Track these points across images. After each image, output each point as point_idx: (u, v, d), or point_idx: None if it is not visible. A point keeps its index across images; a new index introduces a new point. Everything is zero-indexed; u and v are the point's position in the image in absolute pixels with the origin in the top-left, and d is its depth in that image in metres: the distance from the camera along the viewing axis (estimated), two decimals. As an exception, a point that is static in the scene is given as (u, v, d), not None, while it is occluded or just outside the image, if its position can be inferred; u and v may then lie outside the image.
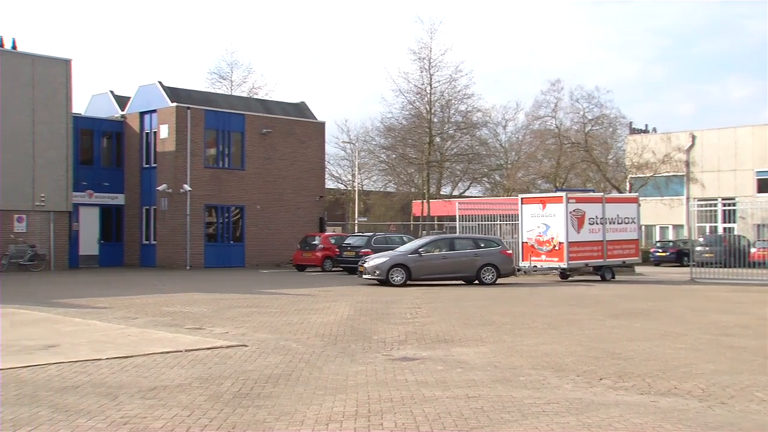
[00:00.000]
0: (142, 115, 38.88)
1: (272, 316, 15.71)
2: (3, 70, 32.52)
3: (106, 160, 39.40)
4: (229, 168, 39.37)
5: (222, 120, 38.94)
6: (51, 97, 33.80)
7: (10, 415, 7.19)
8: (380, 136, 58.12)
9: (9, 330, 13.08)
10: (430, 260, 26.10)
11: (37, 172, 33.29)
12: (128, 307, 17.40)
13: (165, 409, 7.54)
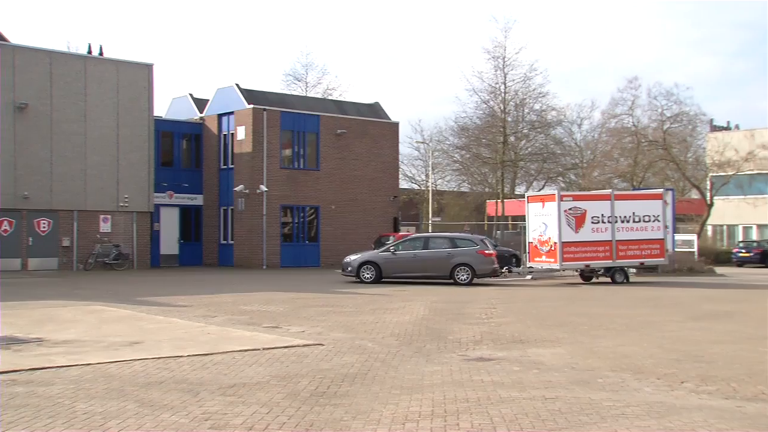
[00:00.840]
0: (220, 117, 39.66)
1: (347, 316, 15.84)
2: (90, 75, 33.65)
3: (185, 162, 40.35)
4: (304, 168, 39.81)
5: (297, 121, 39.41)
6: (134, 100, 34.83)
7: (100, 408, 7.45)
8: (454, 136, 58.00)
9: (97, 326, 13.53)
10: (402, 259, 26.63)
11: (121, 173, 34.33)
12: (207, 305, 17.78)
13: (244, 406, 7.69)
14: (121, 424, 6.93)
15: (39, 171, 32.19)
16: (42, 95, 32.36)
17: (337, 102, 46.71)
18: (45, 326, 13.45)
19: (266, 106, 38.33)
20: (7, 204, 31.48)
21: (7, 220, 31.56)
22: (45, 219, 32.50)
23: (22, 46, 33.20)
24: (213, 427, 6.87)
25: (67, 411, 7.35)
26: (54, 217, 32.71)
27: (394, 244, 27.86)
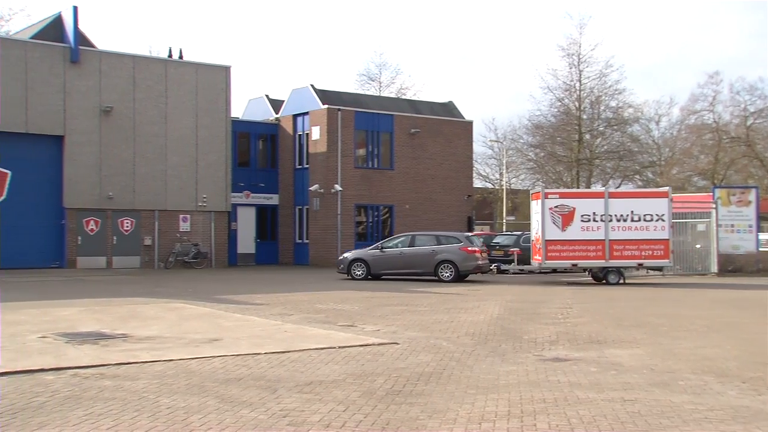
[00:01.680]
0: (295, 117, 40.19)
1: (422, 315, 15.87)
2: (170, 78, 34.56)
3: (261, 162, 41.02)
4: (378, 168, 40.01)
5: (371, 121, 39.62)
6: (212, 102, 35.60)
7: (182, 403, 7.66)
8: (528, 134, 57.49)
9: (177, 324, 13.88)
10: (390, 256, 27.20)
11: (199, 174, 35.13)
12: (284, 303, 18.04)
13: (321, 403, 7.78)
14: (203, 419, 7.10)
15: (122, 172, 33.20)
16: (125, 98, 33.37)
17: (410, 101, 46.79)
18: (129, 323, 13.87)
19: (341, 106, 38.66)
20: (93, 204, 32.57)
21: (94, 219, 32.65)
22: (128, 218, 33.50)
23: (108, 51, 34.28)
24: (291, 424, 6.98)
25: (151, 405, 7.57)
26: (136, 216, 33.69)
27: (383, 242, 28.49)
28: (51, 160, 32.14)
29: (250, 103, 44.56)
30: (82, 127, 32.39)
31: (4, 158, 31.16)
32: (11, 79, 30.90)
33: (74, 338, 11.74)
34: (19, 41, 32.80)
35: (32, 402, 7.64)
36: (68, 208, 32.14)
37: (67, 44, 32.50)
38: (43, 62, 31.72)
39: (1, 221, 30.93)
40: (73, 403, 7.59)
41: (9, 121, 30.88)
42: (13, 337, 11.77)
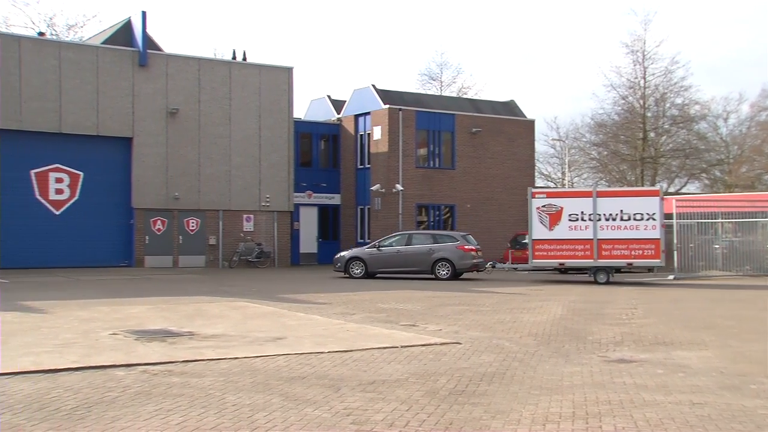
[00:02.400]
0: (356, 117, 40.41)
1: (484, 315, 15.81)
2: (234, 80, 35.12)
3: (323, 162, 41.36)
4: (439, 168, 39.96)
5: (432, 120, 39.59)
6: (275, 103, 36.04)
7: (248, 401, 7.79)
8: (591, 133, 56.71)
9: (242, 322, 14.10)
10: (387, 254, 27.37)
11: (263, 174, 35.60)
12: (346, 303, 18.16)
13: (384, 402, 7.82)
14: (268, 416, 7.20)
15: (188, 172, 33.84)
16: (191, 100, 34.02)
17: (472, 100, 46.61)
18: (195, 321, 14.14)
19: (402, 106, 38.73)
20: (160, 204, 33.28)
21: (161, 219, 33.37)
22: (193, 218, 34.14)
23: (174, 54, 35.00)
24: (354, 423, 7.04)
25: (218, 402, 7.71)
26: (201, 216, 34.31)
27: (380, 240, 28.61)
28: (120, 161, 32.95)
29: (312, 104, 44.98)
30: (150, 129, 33.13)
31: (77, 160, 32.22)
32: (84, 83, 31.79)
33: (143, 335, 12.03)
34: (91, 46, 33.70)
35: (105, 397, 7.87)
36: (136, 208, 32.92)
37: (135, 48, 33.29)
38: (113, 66, 32.55)
39: (74, 221, 31.91)
40: (143, 399, 7.79)
41: (81, 124, 31.78)
42: (87, 334, 12.12)
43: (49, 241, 31.29)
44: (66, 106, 31.49)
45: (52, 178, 31.78)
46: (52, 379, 8.73)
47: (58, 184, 31.88)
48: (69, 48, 33.01)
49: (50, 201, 31.75)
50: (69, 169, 32.05)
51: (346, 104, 41.50)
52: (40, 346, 10.94)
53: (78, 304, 16.85)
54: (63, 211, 31.90)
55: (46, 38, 38.05)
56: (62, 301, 17.53)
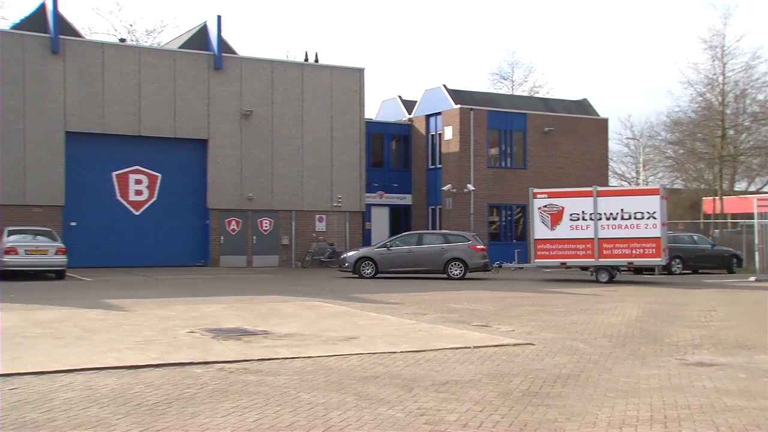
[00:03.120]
0: (427, 117, 40.41)
1: (557, 315, 15.64)
2: (306, 82, 35.53)
3: (394, 162, 41.49)
4: (511, 167, 39.67)
5: (504, 120, 39.33)
6: (346, 104, 36.32)
7: (322, 399, 7.88)
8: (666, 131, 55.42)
9: (315, 321, 14.27)
10: (397, 254, 27.06)
11: (335, 175, 35.91)
12: (418, 303, 18.19)
13: (458, 403, 7.82)
14: (342, 415, 7.28)
15: (261, 173, 34.38)
16: (264, 102, 34.55)
17: (543, 99, 46.13)
18: (269, 320, 14.36)
19: (473, 105, 38.59)
20: (235, 205, 33.90)
21: (235, 219, 33.98)
22: (267, 218, 34.65)
23: (248, 57, 35.60)
24: (428, 423, 7.06)
25: (293, 400, 7.83)
26: (275, 216, 34.80)
27: (389, 240, 28.23)
28: (196, 163, 33.68)
29: (384, 104, 45.17)
30: (224, 131, 33.77)
31: (155, 162, 33.08)
32: (162, 86, 32.61)
33: (219, 334, 12.28)
34: (169, 51, 34.55)
35: (184, 393, 8.07)
36: (212, 208, 33.58)
37: (211, 52, 33.97)
38: (189, 70, 33.30)
39: (152, 221, 32.77)
40: (220, 396, 7.96)
41: (159, 127, 32.61)
42: (165, 332, 12.44)
43: (129, 240, 32.20)
44: (145, 109, 32.36)
45: (132, 180, 32.70)
46: (134, 375, 9.00)
47: (137, 186, 32.79)
48: (148, 53, 33.91)
49: (130, 202, 32.67)
50: (148, 170, 32.92)
51: (417, 104, 41.55)
52: (122, 342, 11.28)
53: (156, 303, 17.30)
54: (142, 211, 32.78)
55: (127, 44, 39.16)
56: (142, 300, 18.03)
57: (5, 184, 29.94)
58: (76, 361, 9.67)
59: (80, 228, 31.12)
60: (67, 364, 9.46)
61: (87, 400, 7.70)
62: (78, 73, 31.27)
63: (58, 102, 30.87)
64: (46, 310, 15.55)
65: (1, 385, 8.40)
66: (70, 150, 31.08)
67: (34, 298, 18.24)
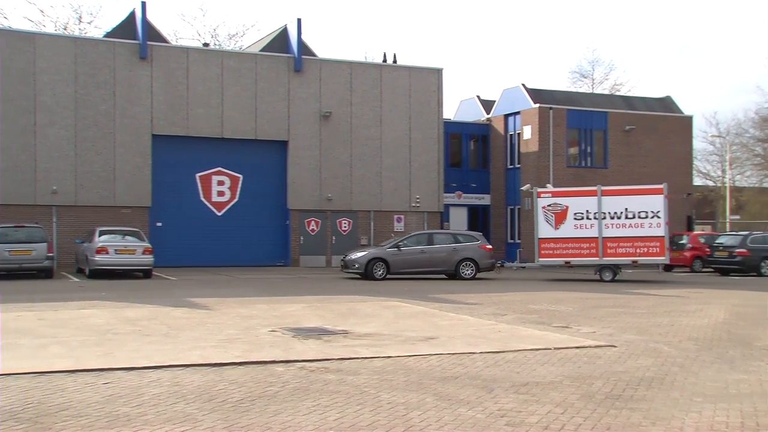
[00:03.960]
0: (506, 117, 40.13)
1: (639, 317, 15.33)
2: (385, 82, 35.73)
3: (473, 162, 41.34)
4: (591, 167, 39.05)
5: (584, 119, 38.76)
6: (424, 104, 36.37)
7: (402, 399, 7.92)
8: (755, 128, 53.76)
9: (394, 321, 14.33)
10: (409, 254, 26.32)
11: (413, 175, 35.99)
12: (497, 303, 18.08)
13: (538, 405, 7.75)
14: (422, 415, 7.30)
15: (340, 174, 34.71)
16: (343, 103, 34.88)
17: (625, 97, 45.27)
18: (348, 319, 14.49)
19: (552, 104, 38.18)
20: (314, 205, 34.33)
21: (315, 220, 34.41)
22: (346, 219, 34.97)
23: (327, 59, 35.99)
24: (509, 424, 7.02)
25: (373, 400, 7.89)
26: (353, 217, 35.09)
27: (399, 240, 27.44)
28: (276, 164, 34.24)
29: (462, 104, 45.05)
30: (304, 132, 34.23)
31: (237, 163, 33.78)
32: (243, 89, 33.29)
33: (300, 333, 12.46)
34: (250, 54, 35.23)
35: (267, 391, 8.22)
36: (292, 209, 34.08)
37: (291, 54, 34.49)
38: (270, 72, 33.88)
39: (234, 222, 33.46)
40: (302, 395, 8.08)
41: (241, 129, 33.29)
42: (248, 330, 12.69)
43: (212, 240, 32.97)
44: (227, 112, 33.07)
45: (215, 181, 33.47)
46: (218, 372, 9.21)
47: (219, 187, 33.54)
48: (230, 56, 34.65)
49: (213, 203, 33.44)
50: (230, 172, 33.64)
51: (496, 104, 41.31)
52: (206, 340, 11.56)
53: (238, 302, 17.66)
54: (224, 212, 33.51)
55: (210, 48, 40.07)
56: (224, 299, 18.42)
57: (97, 186, 31.03)
58: (163, 358, 9.96)
59: (165, 228, 32.01)
60: (155, 361, 9.75)
61: (174, 396, 7.93)
62: (164, 78, 32.18)
63: (145, 106, 31.84)
64: (134, 308, 16.05)
65: (96, 379, 8.73)
66: (156, 152, 32.02)
67: (123, 297, 18.85)
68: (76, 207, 30.81)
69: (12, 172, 29.90)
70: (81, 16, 62.01)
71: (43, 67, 30.56)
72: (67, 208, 30.70)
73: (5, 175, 29.78)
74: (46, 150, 30.46)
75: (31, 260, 25.16)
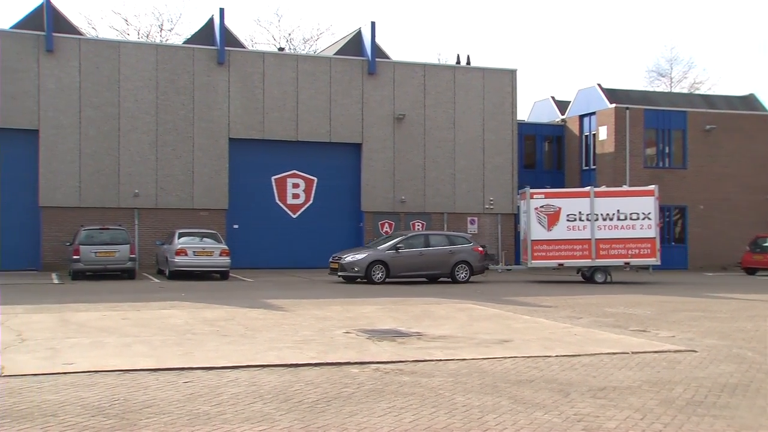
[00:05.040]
0: (581, 118, 39.57)
1: (721, 322, 14.95)
2: (458, 84, 35.67)
3: (547, 164, 40.90)
4: (669, 167, 38.18)
5: (662, 118, 37.93)
6: (498, 106, 36.16)
7: (477, 402, 7.92)
8: None
9: (468, 324, 14.31)
10: (408, 257, 25.35)
11: (486, 177, 35.81)
12: (572, 306, 17.87)
13: (616, 410, 7.64)
14: (498, 419, 7.28)
15: (414, 176, 34.77)
16: (416, 105, 34.95)
17: (704, 96, 44.12)
18: (422, 321, 14.53)
19: (628, 104, 37.48)
20: (388, 207, 34.48)
21: (388, 222, 34.56)
22: (419, 221, 35.00)
23: (401, 61, 36.10)
24: (586, 429, 6.95)
25: (447, 402, 7.90)
26: (427, 219, 35.10)
27: (398, 242, 26.06)
28: (350, 166, 34.51)
29: (536, 105, 44.63)
30: (378, 135, 34.42)
31: (311, 166, 34.19)
32: (318, 92, 33.68)
33: (374, 335, 12.55)
34: (325, 58, 35.61)
35: (342, 392, 8.32)
36: (365, 211, 34.30)
37: (365, 57, 34.73)
38: (344, 75, 34.19)
39: (309, 224, 33.86)
40: (376, 396, 8.14)
41: (315, 132, 33.68)
42: (323, 332, 12.85)
43: (287, 242, 33.42)
44: (302, 115, 33.49)
45: (290, 184, 33.94)
46: (294, 373, 9.36)
47: (294, 189, 33.99)
48: (305, 60, 35.08)
49: (288, 205, 33.91)
50: (304, 174, 34.06)
51: (571, 105, 40.77)
52: (282, 341, 11.75)
53: (313, 303, 17.87)
54: (299, 214, 33.94)
55: (286, 53, 40.64)
56: (299, 300, 18.66)
57: (176, 189, 31.82)
58: (240, 358, 10.17)
59: (242, 230, 32.60)
60: (232, 361, 9.97)
61: (252, 396, 8.09)
62: (241, 82, 32.80)
63: (222, 110, 32.51)
64: (212, 309, 16.42)
65: (177, 377, 8.97)
66: (233, 156, 32.65)
67: (201, 297, 19.29)
68: (157, 210, 31.64)
69: (97, 176, 30.90)
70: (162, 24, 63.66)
71: (126, 74, 31.49)
72: (148, 211, 31.56)
73: (91, 179, 30.80)
74: (129, 155, 31.38)
75: (115, 261, 25.95)
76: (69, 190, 30.52)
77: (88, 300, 18.19)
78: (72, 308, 16.20)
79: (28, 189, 30.30)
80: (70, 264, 25.96)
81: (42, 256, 30.03)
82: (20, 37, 30.64)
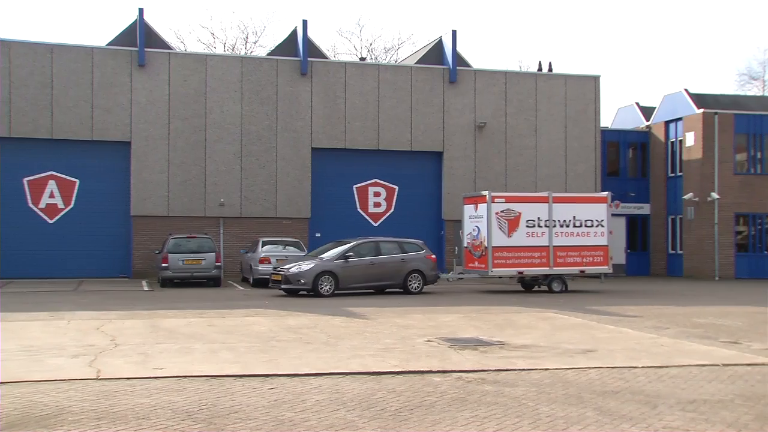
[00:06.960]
0: (667, 124, 38.64)
1: (819, 335, 14.37)
2: (540, 91, 35.34)
3: (631, 171, 40.05)
4: (762, 174, 36.90)
5: (754, 123, 36.71)
6: (581, 112, 35.66)
7: (561, 413, 7.83)
8: None
9: (551, 333, 14.15)
10: (358, 267, 23.26)
11: (569, 184, 35.30)
12: (658, 316, 17.47)
13: (707, 423, 7.45)
14: (583, 430, 7.20)
15: (496, 184, 34.40)
16: (497, 113, 34.77)
17: (800, 99, 42.50)
18: (505, 330, 14.44)
19: (717, 109, 36.41)
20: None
21: (443, 230, 34.61)
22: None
23: (482, 69, 35.94)
24: (674, 443, 6.80)
25: (531, 412, 7.85)
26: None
27: (347, 250, 23.71)
28: (431, 174, 34.53)
29: (620, 112, 43.78)
30: (459, 143, 34.35)
31: (392, 174, 34.38)
32: (399, 101, 33.85)
33: (456, 343, 12.54)
34: (406, 67, 35.79)
35: (425, 401, 8.35)
36: (447, 219, 34.26)
37: (446, 66, 34.75)
38: (425, 84, 34.29)
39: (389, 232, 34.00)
40: (459, 405, 8.14)
41: (396, 140, 33.86)
42: (404, 340, 12.91)
43: (368, 251, 33.60)
44: (383, 124, 33.71)
45: (371, 192, 34.18)
46: (377, 380, 9.43)
47: (375, 198, 34.22)
48: (386, 69, 35.32)
49: (369, 214, 34.14)
50: (385, 183, 34.25)
51: (656, 110, 39.84)
52: (364, 349, 11.85)
53: (395, 312, 17.95)
54: (380, 223, 34.11)
55: (367, 62, 40.99)
56: (381, 308, 18.77)
57: (260, 198, 32.45)
58: (324, 366, 10.31)
59: (324, 239, 32.91)
60: (316, 368, 10.11)
61: (335, 403, 8.19)
62: (323, 93, 33.24)
63: (305, 120, 33.00)
64: (295, 317, 16.67)
65: (261, 384, 9.16)
66: (315, 165, 33.08)
67: (284, 305, 19.60)
68: (241, 218, 32.31)
69: (185, 186, 31.76)
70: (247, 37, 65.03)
71: (213, 86, 32.30)
72: (233, 220, 32.25)
73: (179, 188, 31.68)
74: (215, 165, 32.14)
75: (202, 269, 26.60)
76: (158, 199, 31.45)
77: (176, 307, 18.71)
78: (161, 315, 16.70)
79: (120, 199, 31.36)
80: (159, 271, 26.77)
81: (132, 264, 31.02)
82: (115, 53, 31.77)
